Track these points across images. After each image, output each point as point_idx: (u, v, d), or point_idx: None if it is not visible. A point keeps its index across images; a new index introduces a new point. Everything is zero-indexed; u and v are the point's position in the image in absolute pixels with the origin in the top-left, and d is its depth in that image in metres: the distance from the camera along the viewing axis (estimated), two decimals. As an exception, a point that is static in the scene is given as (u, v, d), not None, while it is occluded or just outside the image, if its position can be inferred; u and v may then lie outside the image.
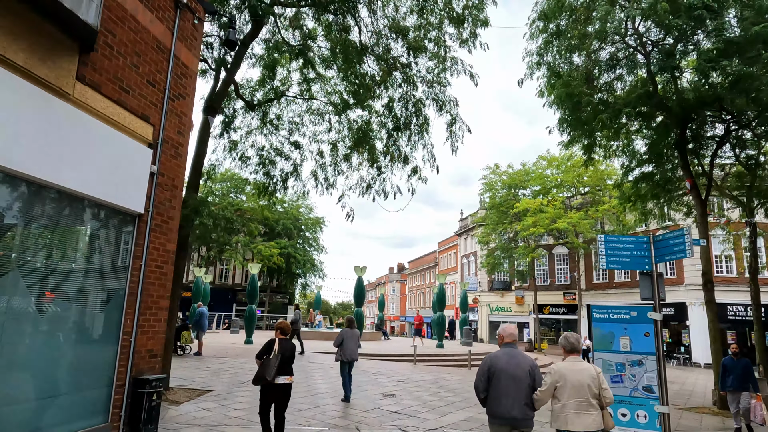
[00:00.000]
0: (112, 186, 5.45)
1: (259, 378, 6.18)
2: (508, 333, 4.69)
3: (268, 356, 6.17)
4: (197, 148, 10.51)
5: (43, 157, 4.54)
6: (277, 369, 6.06)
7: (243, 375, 12.09)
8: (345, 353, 9.81)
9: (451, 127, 12.89)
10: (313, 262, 45.79)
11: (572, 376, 4.25)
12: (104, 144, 5.36)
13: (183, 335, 15.31)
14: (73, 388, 5.07)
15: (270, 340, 6.31)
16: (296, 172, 15.78)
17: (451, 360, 19.31)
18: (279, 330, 6.47)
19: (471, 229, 49.12)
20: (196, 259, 43.80)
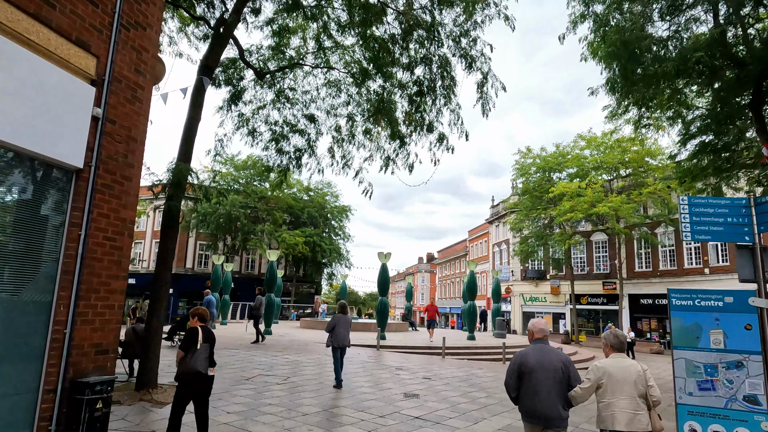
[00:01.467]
0: (34, 130, 4.13)
1: (187, 373, 5.29)
2: (539, 328, 4.46)
3: (195, 347, 5.34)
4: (190, 112, 9.21)
5: None
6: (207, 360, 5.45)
7: (249, 370, 10.84)
8: (336, 339, 9.64)
9: (482, 88, 11.24)
10: (339, 251, 44.67)
11: (618, 373, 4.08)
12: (20, 71, 4.02)
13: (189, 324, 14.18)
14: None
15: (192, 329, 5.46)
16: (311, 148, 14.51)
17: (483, 353, 17.72)
18: (197, 317, 5.64)
19: (503, 216, 47.05)
20: (221, 248, 43.30)
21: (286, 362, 12.27)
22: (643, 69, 11.35)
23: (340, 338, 9.67)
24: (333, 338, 9.67)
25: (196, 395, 5.42)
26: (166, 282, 8.32)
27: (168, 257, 8.39)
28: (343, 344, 9.72)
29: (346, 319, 10.02)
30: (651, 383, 4.08)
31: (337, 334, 9.67)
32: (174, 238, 8.58)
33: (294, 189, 44.46)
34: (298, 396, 8.49)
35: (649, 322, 34.36)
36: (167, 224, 8.49)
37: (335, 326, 9.72)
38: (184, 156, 8.88)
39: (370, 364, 12.75)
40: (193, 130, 9.16)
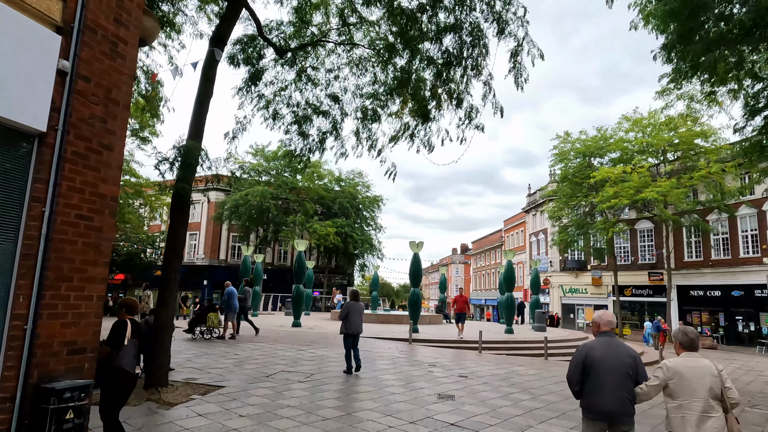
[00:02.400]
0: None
1: (117, 373, 4.59)
2: (605, 321, 4.25)
3: (123, 343, 4.67)
4: (200, 87, 8.46)
5: None
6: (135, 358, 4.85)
7: (272, 365, 10.13)
8: (349, 326, 9.83)
9: (516, 57, 10.09)
10: (371, 242, 43.91)
11: (690, 373, 3.82)
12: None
13: (209, 317, 13.65)
14: None
15: (119, 322, 4.74)
16: (335, 130, 13.70)
17: (522, 348, 16.60)
18: (125, 308, 4.89)
19: (540, 204, 45.25)
20: (252, 239, 43.26)
21: (312, 357, 11.53)
22: (704, 30, 9.97)
23: (353, 325, 9.84)
24: (346, 325, 9.85)
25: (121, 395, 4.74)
26: (176, 270, 7.64)
27: (178, 243, 7.71)
28: (356, 331, 9.85)
29: (358, 306, 10.18)
30: (728, 384, 3.81)
31: (351, 321, 9.84)
32: (184, 223, 7.88)
33: (325, 179, 43.93)
34: (321, 396, 7.69)
35: (700, 315, 32.28)
36: (177, 207, 7.80)
37: (348, 313, 9.92)
38: (195, 134, 8.16)
39: (401, 360, 11.88)
40: (204, 106, 8.42)
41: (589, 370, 4.02)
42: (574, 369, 4.12)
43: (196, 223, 46.25)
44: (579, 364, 4.08)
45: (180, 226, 7.74)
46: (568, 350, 16.98)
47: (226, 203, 40.61)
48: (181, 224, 7.76)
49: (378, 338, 16.28)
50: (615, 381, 3.92)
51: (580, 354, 4.12)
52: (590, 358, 4.03)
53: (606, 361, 3.97)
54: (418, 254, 19.12)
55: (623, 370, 3.94)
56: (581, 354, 4.12)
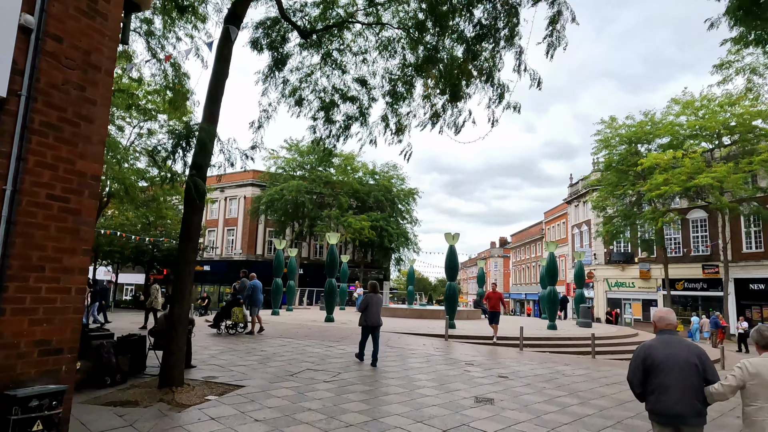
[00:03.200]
0: None
1: None
2: (665, 319, 4.00)
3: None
4: (215, 67, 7.94)
5: None
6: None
7: (297, 363, 9.58)
8: (369, 318, 9.91)
9: (554, 24, 9.09)
10: (406, 235, 43.18)
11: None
12: None
13: (234, 312, 13.26)
14: None
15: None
16: (363, 116, 13.11)
17: (567, 345, 15.54)
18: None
19: (583, 194, 43.36)
20: (288, 234, 43.31)
21: (341, 354, 10.93)
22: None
23: (372, 318, 9.89)
24: (365, 317, 9.92)
25: None
26: (191, 262, 7.14)
27: (192, 233, 7.20)
28: (375, 323, 9.92)
29: (377, 298, 10.17)
30: None
31: (370, 314, 9.91)
32: (199, 211, 7.37)
33: (359, 173, 43.47)
34: (346, 398, 7.05)
35: (761, 310, 30.01)
36: (191, 195, 7.30)
37: (368, 305, 9.98)
38: (210, 116, 7.64)
39: (436, 358, 11.14)
40: (220, 87, 7.88)
41: (650, 371, 3.83)
42: (634, 371, 3.93)
43: (233, 219, 46.78)
44: (639, 366, 3.90)
45: (193, 213, 7.24)
46: (617, 348, 15.82)
47: (262, 198, 40.75)
48: (195, 212, 7.26)
49: (413, 334, 15.58)
50: (681, 381, 3.72)
51: (640, 354, 3.93)
52: (651, 358, 3.84)
53: (669, 361, 3.77)
54: (453, 246, 18.28)
55: (689, 370, 3.73)
56: (641, 354, 3.92)
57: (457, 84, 10.96)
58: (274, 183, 40.47)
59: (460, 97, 11.06)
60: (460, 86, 10.87)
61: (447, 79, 10.77)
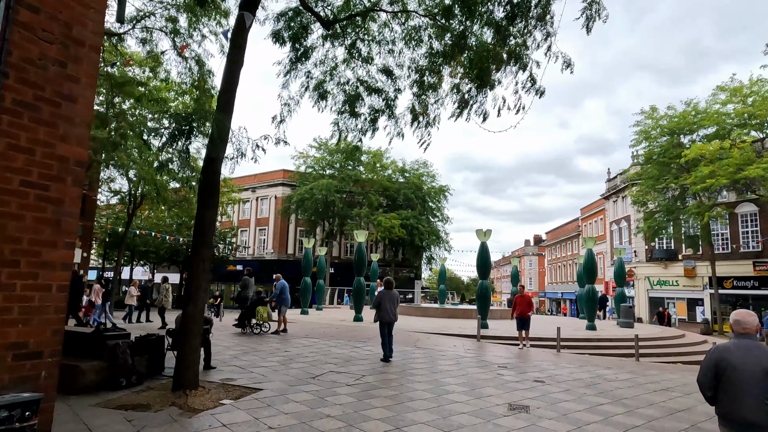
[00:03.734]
0: None
1: None
2: (741, 323, 3.75)
3: None
4: (230, 56, 7.61)
5: None
6: None
7: (320, 365, 9.18)
8: (383, 315, 9.95)
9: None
10: (438, 234, 42.49)
11: None
12: None
13: (258, 311, 12.99)
14: None
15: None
16: (389, 108, 12.69)
17: (608, 347, 14.64)
18: None
19: (622, 189, 41.65)
20: (318, 233, 43.27)
21: (366, 355, 10.48)
22: None
23: (386, 314, 9.94)
24: (379, 314, 9.97)
25: None
26: (205, 259, 6.81)
27: (206, 228, 6.87)
28: (389, 320, 9.96)
29: (392, 294, 10.18)
30: None
31: (384, 310, 9.96)
32: (213, 206, 7.03)
33: (389, 170, 43.03)
34: (368, 404, 6.58)
35: (819, 310, 28.01)
36: (205, 190, 6.98)
37: (381, 302, 10.02)
38: (225, 106, 7.31)
39: (467, 360, 10.55)
40: (234, 76, 7.55)
41: (722, 374, 3.68)
42: (705, 372, 3.80)
43: (265, 219, 47.10)
44: (711, 368, 3.75)
45: (206, 208, 6.90)
46: (663, 350, 14.84)
47: (293, 198, 40.82)
48: (208, 207, 6.92)
49: (443, 334, 15.02)
50: (757, 388, 3.53)
51: (713, 357, 3.77)
52: (724, 362, 3.67)
53: (745, 367, 3.59)
54: (485, 243, 17.59)
55: (765, 377, 3.51)
56: (713, 357, 3.76)
57: (486, 70, 10.38)
58: (304, 182, 40.47)
59: (489, 84, 10.48)
60: (489, 72, 10.28)
61: (475, 66, 10.19)
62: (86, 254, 30.99)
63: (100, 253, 44.34)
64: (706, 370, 3.81)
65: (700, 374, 3.87)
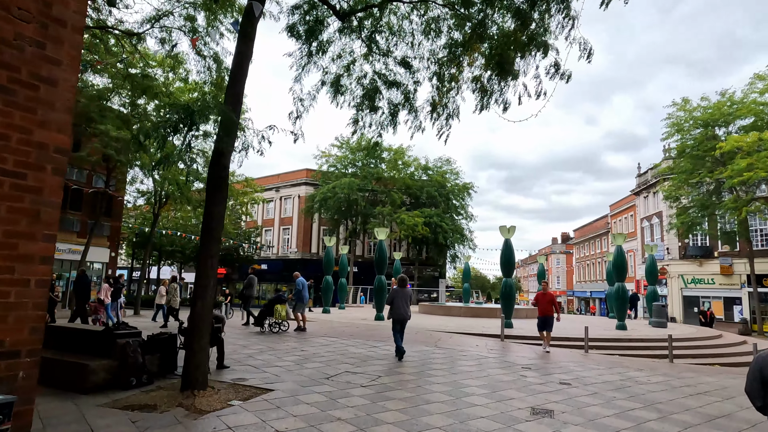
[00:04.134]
0: None
1: None
2: None
3: None
4: (238, 47, 7.40)
5: None
6: None
7: (336, 365, 8.91)
8: (394, 312, 9.99)
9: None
10: (462, 232, 41.87)
11: None
12: None
13: (277, 309, 12.81)
14: None
15: None
16: (408, 101, 12.41)
17: (639, 347, 14.00)
18: None
19: (653, 184, 40.30)
20: (342, 232, 43.20)
21: (384, 355, 10.18)
22: None
23: (398, 312, 9.95)
24: (391, 311, 10.00)
25: None
26: (212, 256, 6.61)
27: (214, 225, 6.67)
28: (400, 317, 9.98)
29: (404, 292, 10.15)
30: None
31: (396, 308, 9.96)
32: (221, 201, 6.83)
33: (411, 167, 42.64)
34: (382, 406, 6.28)
35: None
36: (213, 184, 6.78)
37: (393, 299, 10.02)
38: (233, 99, 7.11)
39: (490, 361, 10.14)
40: (243, 67, 7.34)
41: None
42: (751, 382, 3.63)
43: (289, 218, 47.30)
44: (757, 378, 3.58)
45: (215, 204, 6.70)
46: (698, 351, 14.10)
47: (315, 197, 40.84)
48: (216, 203, 6.72)
49: (466, 334, 14.61)
50: None
51: (757, 364, 3.61)
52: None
53: None
54: (509, 240, 17.08)
55: None
56: (758, 364, 3.60)
57: (507, 58, 9.97)
58: (327, 181, 40.45)
59: (511, 73, 10.05)
60: (511, 60, 9.86)
61: (495, 54, 9.79)
62: (114, 254, 31.59)
63: (129, 253, 45.26)
64: (752, 379, 3.63)
65: (747, 383, 3.69)
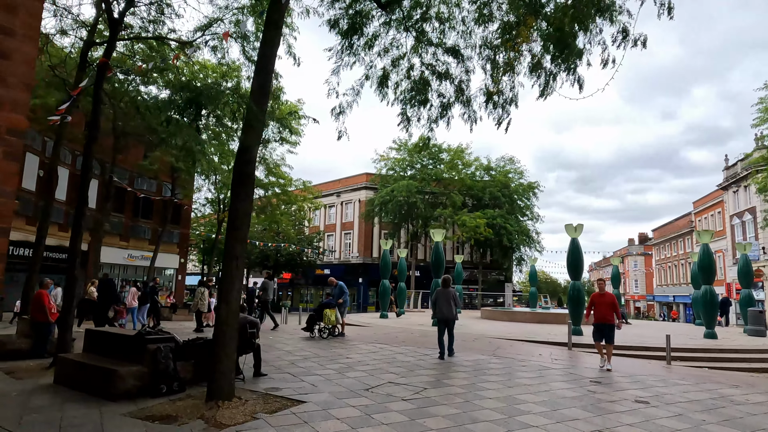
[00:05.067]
0: None
1: None
2: None
3: None
4: (265, 35, 6.97)
5: None
6: None
7: (379, 375, 8.25)
8: (437, 312, 10.11)
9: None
10: (528, 233, 39.98)
11: None
12: None
13: (326, 314, 12.34)
14: None
15: None
16: (461, 93, 11.70)
17: (733, 359, 12.24)
18: None
19: (744, 177, 36.47)
20: (402, 235, 42.67)
21: (434, 365, 9.38)
22: None
23: (442, 312, 9.99)
24: (436, 313, 10.17)
25: None
26: (237, 257, 6.18)
27: (239, 223, 6.24)
28: (446, 317, 9.99)
29: (448, 292, 10.11)
30: None
31: (439, 308, 10.04)
32: (247, 197, 6.38)
33: (471, 168, 41.38)
34: (422, 425, 5.53)
35: None
36: (239, 182, 6.36)
37: (436, 300, 10.12)
38: (259, 89, 6.68)
39: (553, 373, 9.08)
40: (270, 57, 6.90)
41: None
42: None
43: (350, 223, 47.41)
44: None
45: (240, 201, 6.27)
46: (808, 364, 12.10)
47: (374, 201, 40.60)
48: (242, 199, 6.29)
49: (530, 341, 13.49)
50: None
51: None
52: None
53: None
54: (576, 240, 15.70)
55: None
56: None
57: (568, 34, 8.94)
58: (386, 185, 40.10)
59: (573, 51, 9.01)
60: (572, 35, 8.82)
61: (555, 30, 8.80)
62: (183, 260, 32.82)
63: (200, 259, 47.19)
64: None
65: None
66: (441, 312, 10.04)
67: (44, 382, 7.55)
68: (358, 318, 22.31)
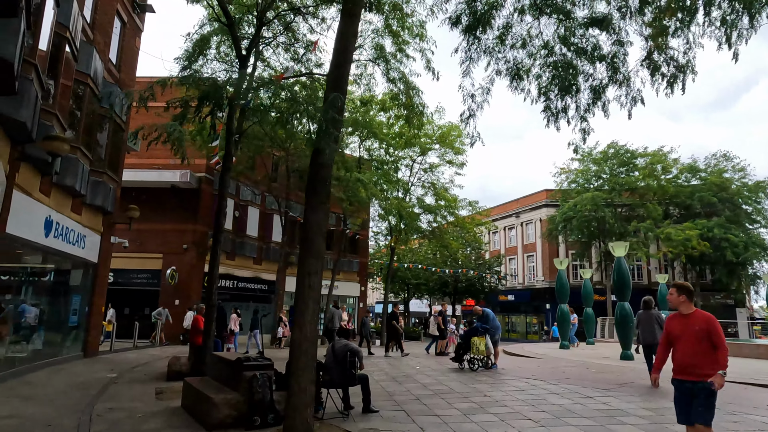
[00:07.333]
0: None
1: None
2: None
3: None
4: (341, 25, 6.27)
5: None
6: None
7: (512, 420, 6.52)
8: (642, 338, 9.62)
9: None
10: (762, 244, 31.86)
11: None
12: None
13: (474, 343, 10.74)
14: None
15: None
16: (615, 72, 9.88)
17: None
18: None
19: None
20: (593, 255, 38.02)
21: (593, 413, 7.16)
22: None
23: (645, 336, 9.54)
24: (640, 338, 9.72)
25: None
26: (311, 273, 5.38)
27: (312, 236, 5.48)
28: (647, 342, 9.50)
29: (650, 314, 9.61)
30: None
31: (642, 332, 9.60)
32: (321, 207, 5.59)
33: (673, 171, 35.11)
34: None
35: None
36: (311, 187, 5.66)
37: (639, 323, 9.74)
38: (334, 84, 5.97)
39: None
40: (347, 50, 6.16)
41: None
42: None
43: (532, 244, 44.28)
44: None
45: (313, 212, 5.53)
46: None
47: (556, 218, 37.09)
48: (315, 210, 5.53)
49: (751, 384, 9.90)
50: None
51: None
52: None
53: None
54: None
55: None
56: None
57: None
58: (567, 199, 36.37)
59: None
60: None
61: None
62: (363, 288, 34.19)
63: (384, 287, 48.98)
64: None
65: None
66: (645, 335, 9.50)
67: (175, 404, 7.79)
68: (533, 348, 19.88)
